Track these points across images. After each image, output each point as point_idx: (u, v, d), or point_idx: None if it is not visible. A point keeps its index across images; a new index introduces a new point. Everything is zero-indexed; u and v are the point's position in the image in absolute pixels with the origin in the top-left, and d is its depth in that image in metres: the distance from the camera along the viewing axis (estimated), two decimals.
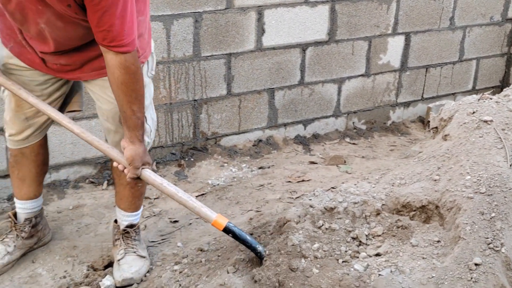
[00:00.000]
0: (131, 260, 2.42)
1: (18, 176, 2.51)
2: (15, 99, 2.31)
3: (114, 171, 2.46)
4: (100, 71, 2.17)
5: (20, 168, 2.48)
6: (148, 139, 2.34)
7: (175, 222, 2.90)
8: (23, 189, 2.53)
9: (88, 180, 3.26)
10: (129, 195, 2.47)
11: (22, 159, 2.47)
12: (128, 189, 2.45)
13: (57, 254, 2.61)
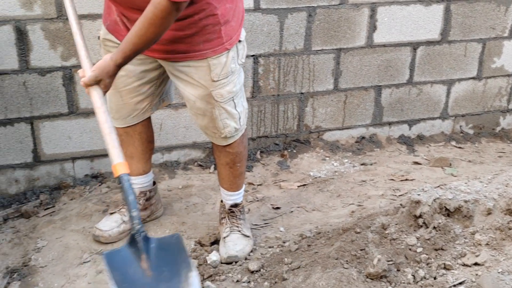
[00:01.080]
0: (236, 239, 2.53)
1: (126, 154, 2.65)
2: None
3: (214, 152, 2.59)
4: (187, 54, 2.26)
5: (126, 147, 2.63)
6: (236, 125, 2.43)
7: (277, 208, 2.98)
8: (132, 165, 2.67)
9: (197, 163, 3.42)
10: (228, 174, 2.59)
11: (127, 138, 2.65)
12: (227, 168, 2.57)
13: (167, 228, 2.77)
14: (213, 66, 2.27)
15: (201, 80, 2.30)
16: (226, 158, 2.54)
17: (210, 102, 2.34)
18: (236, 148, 2.52)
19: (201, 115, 2.41)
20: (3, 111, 2.96)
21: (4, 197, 3.07)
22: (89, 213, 2.87)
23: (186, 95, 2.39)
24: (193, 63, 2.28)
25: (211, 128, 2.43)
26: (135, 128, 2.62)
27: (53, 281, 2.40)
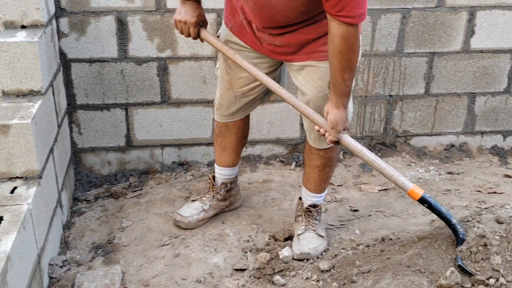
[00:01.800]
0: (310, 237, 2.55)
1: (220, 145, 2.78)
2: (229, 78, 2.55)
3: (305, 152, 2.60)
4: (310, 55, 2.30)
5: (223, 138, 2.75)
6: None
7: (355, 211, 2.96)
8: (223, 156, 2.80)
9: (279, 159, 3.47)
10: (316, 177, 2.59)
11: (225, 130, 2.73)
12: (316, 171, 2.57)
13: (244, 219, 2.84)
14: None
15: (319, 81, 2.33)
16: (318, 161, 2.54)
17: (323, 103, 2.32)
18: (330, 153, 2.53)
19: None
20: (101, 96, 3.15)
21: (96, 177, 3.27)
22: (172, 198, 3.00)
23: (303, 97, 2.40)
24: (315, 63, 2.32)
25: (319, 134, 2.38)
26: (235, 123, 2.71)
27: (133, 260, 2.54)
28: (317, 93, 2.35)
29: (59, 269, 2.47)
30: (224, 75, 2.57)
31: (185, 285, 2.37)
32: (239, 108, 2.65)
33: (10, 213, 2.10)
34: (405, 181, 2.23)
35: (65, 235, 2.73)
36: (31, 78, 2.49)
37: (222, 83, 2.61)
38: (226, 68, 2.54)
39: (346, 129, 2.27)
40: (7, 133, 2.29)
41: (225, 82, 2.58)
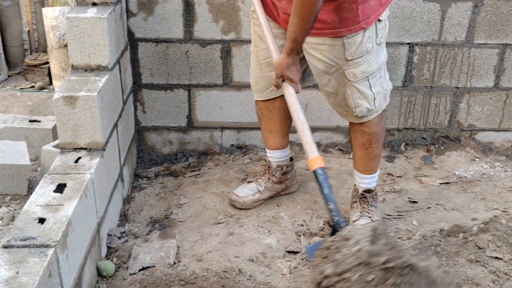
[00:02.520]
0: (365, 224, 2.51)
1: (265, 128, 2.79)
2: (256, 50, 2.60)
3: (350, 132, 2.58)
4: (322, 31, 2.27)
5: (266, 121, 2.77)
6: (369, 106, 2.40)
7: (413, 202, 2.89)
8: (270, 139, 2.80)
9: (338, 147, 3.43)
10: (363, 155, 2.56)
11: (266, 112, 2.75)
12: (363, 149, 2.55)
13: (299, 204, 2.83)
14: (347, 45, 2.27)
15: (335, 59, 2.31)
16: (362, 138, 2.52)
17: (343, 81, 2.34)
18: (373, 128, 2.49)
19: (333, 93, 2.43)
20: (165, 76, 3.22)
21: (158, 155, 3.35)
22: (229, 179, 3.03)
23: (321, 71, 2.39)
24: (328, 40, 2.30)
25: (343, 106, 2.44)
26: (274, 103, 2.70)
27: (188, 236, 2.58)
28: (334, 71, 2.34)
29: (117, 240, 2.55)
30: (253, 48, 2.64)
31: (237, 262, 2.39)
32: (267, 84, 2.63)
33: (73, 181, 2.19)
34: (311, 148, 2.16)
35: (125, 209, 2.81)
36: (99, 53, 2.57)
37: (251, 57, 2.67)
38: (254, 40, 2.60)
39: (289, 79, 2.28)
40: (74, 104, 2.37)
41: (253, 55, 2.64)
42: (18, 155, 2.93)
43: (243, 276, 2.29)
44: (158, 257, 2.38)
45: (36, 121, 3.42)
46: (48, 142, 3.25)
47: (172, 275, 2.29)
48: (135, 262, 2.37)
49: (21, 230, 1.89)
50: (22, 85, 4.33)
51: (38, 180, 3.05)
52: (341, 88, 2.36)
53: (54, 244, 1.82)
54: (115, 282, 2.30)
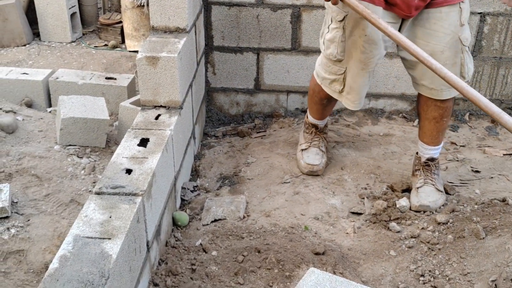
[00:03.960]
0: (429, 191, 2.58)
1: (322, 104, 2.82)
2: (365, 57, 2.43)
3: (421, 106, 2.60)
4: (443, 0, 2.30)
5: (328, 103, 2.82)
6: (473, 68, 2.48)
7: (476, 172, 2.93)
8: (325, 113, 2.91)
9: (401, 115, 3.48)
10: (433, 128, 2.60)
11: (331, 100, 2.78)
12: (433, 123, 2.58)
13: (362, 168, 2.92)
14: (464, 10, 2.34)
15: (451, 26, 2.34)
16: (435, 112, 2.56)
17: (458, 47, 2.36)
18: (448, 103, 2.54)
19: (451, 64, 2.37)
20: (236, 39, 3.33)
21: (225, 116, 3.49)
22: (294, 141, 3.14)
23: (432, 48, 2.35)
24: (445, 9, 2.33)
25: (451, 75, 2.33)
26: None
27: (256, 192, 2.73)
28: (449, 39, 2.35)
29: (190, 193, 2.72)
30: (359, 55, 2.42)
31: (303, 220, 2.52)
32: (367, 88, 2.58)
33: (155, 137, 2.35)
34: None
35: (196, 165, 2.98)
36: (178, 16, 2.70)
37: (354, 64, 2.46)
38: (361, 46, 2.39)
39: None
40: (156, 64, 2.52)
41: (359, 63, 2.44)
42: (98, 110, 3.13)
43: (309, 233, 2.42)
44: (229, 211, 2.54)
45: (112, 78, 3.62)
46: (123, 99, 3.44)
47: (242, 227, 2.44)
48: (208, 214, 2.54)
49: (110, 179, 2.07)
50: (96, 43, 4.54)
51: (114, 134, 3.25)
52: (458, 56, 2.37)
53: (142, 193, 1.99)
54: (189, 232, 2.47)
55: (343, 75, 2.52)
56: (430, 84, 2.47)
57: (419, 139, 2.72)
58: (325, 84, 2.63)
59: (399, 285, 2.10)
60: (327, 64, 2.57)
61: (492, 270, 2.01)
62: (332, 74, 2.57)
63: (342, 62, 2.50)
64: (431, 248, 2.24)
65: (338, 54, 2.47)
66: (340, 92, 2.58)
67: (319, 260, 2.17)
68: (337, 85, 2.57)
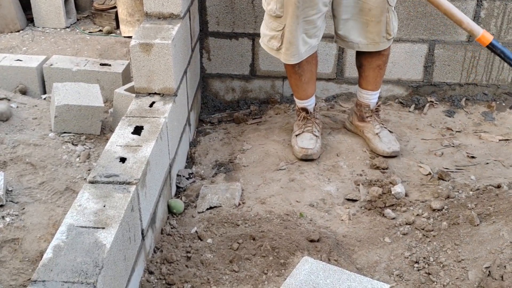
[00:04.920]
0: (389, 135, 2.92)
1: (304, 81, 2.91)
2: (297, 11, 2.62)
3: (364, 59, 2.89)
4: None
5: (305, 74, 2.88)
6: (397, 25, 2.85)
7: (472, 157, 2.93)
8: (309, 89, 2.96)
9: (398, 100, 3.47)
10: (376, 75, 2.92)
11: (306, 66, 2.85)
12: (377, 70, 2.90)
13: (358, 155, 2.91)
14: None
15: None
16: (379, 60, 2.87)
17: (384, 7, 2.65)
18: (388, 50, 2.87)
19: (376, 22, 2.68)
20: (231, 25, 3.30)
21: (221, 102, 3.48)
22: (290, 128, 3.13)
23: (361, 6, 2.65)
24: None
25: (382, 33, 2.73)
26: (313, 55, 2.82)
27: (251, 179, 2.73)
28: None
29: (185, 180, 2.72)
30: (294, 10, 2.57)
31: (298, 207, 2.52)
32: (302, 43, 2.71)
33: (149, 124, 2.34)
34: (474, 26, 2.29)
35: (191, 152, 2.97)
36: (172, 2, 2.67)
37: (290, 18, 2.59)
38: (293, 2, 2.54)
39: None
40: (149, 51, 2.50)
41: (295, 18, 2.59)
42: (92, 97, 3.11)
43: (304, 220, 2.42)
44: (224, 198, 2.54)
45: (106, 64, 3.59)
46: (118, 85, 3.42)
47: (238, 215, 2.44)
48: (203, 202, 2.54)
49: (104, 168, 2.06)
50: (90, 29, 4.49)
51: (109, 121, 3.24)
52: (383, 14, 2.67)
53: (136, 182, 1.99)
54: (184, 219, 2.47)
55: (282, 31, 2.66)
56: (356, 38, 2.76)
57: (362, 89, 2.98)
58: (264, 41, 2.79)
59: (394, 272, 2.11)
60: (269, 20, 2.71)
61: (486, 257, 2.02)
62: (272, 30, 2.70)
63: (281, 18, 2.63)
64: (425, 235, 2.25)
65: (278, 10, 2.62)
66: (277, 49, 2.73)
67: (314, 247, 2.17)
68: (275, 41, 2.71)
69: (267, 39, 2.76)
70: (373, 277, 2.10)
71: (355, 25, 2.74)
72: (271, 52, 2.79)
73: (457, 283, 1.99)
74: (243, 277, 2.07)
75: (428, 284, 2.03)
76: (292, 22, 2.61)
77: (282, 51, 2.72)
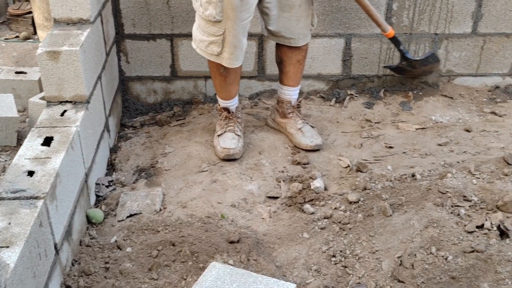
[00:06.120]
0: (311, 129, 2.98)
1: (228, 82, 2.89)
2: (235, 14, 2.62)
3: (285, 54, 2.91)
4: None
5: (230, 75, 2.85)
6: None
7: (390, 148, 3.01)
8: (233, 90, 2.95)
9: (319, 95, 3.52)
10: (297, 71, 2.96)
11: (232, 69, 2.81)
12: (297, 66, 2.93)
13: (280, 151, 2.94)
14: None
15: None
16: (299, 55, 2.91)
17: (310, 0, 2.73)
18: (307, 44, 2.93)
19: (304, 16, 2.77)
20: (147, 26, 3.25)
21: (143, 105, 3.43)
22: (213, 128, 3.12)
23: (292, 2, 2.69)
24: None
25: (308, 27, 2.83)
26: None
27: (173, 184, 2.70)
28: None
29: (105, 189, 2.66)
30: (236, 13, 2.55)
31: (220, 208, 2.52)
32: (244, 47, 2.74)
33: (59, 134, 2.27)
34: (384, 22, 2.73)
35: (112, 158, 2.91)
36: (80, 7, 2.60)
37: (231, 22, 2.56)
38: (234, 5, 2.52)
39: None
40: (58, 59, 2.43)
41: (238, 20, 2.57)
42: (5, 107, 3.00)
43: (225, 221, 2.42)
44: (144, 205, 2.51)
45: (22, 72, 3.47)
46: (35, 93, 3.31)
47: (158, 221, 2.42)
48: (123, 210, 2.50)
49: (11, 183, 1.99)
50: (6, 35, 4.33)
51: (27, 131, 3.13)
52: (310, 9, 2.76)
53: (43, 196, 1.93)
54: (104, 229, 2.42)
55: (222, 36, 2.61)
56: (288, 35, 2.79)
57: (283, 85, 3.02)
58: (201, 47, 2.73)
59: (312, 267, 2.14)
60: (206, 25, 2.65)
61: (398, 247, 2.08)
62: (211, 35, 2.64)
63: (220, 23, 2.59)
64: (342, 228, 2.29)
65: (217, 15, 2.57)
66: (218, 54, 2.68)
67: (233, 249, 2.17)
68: (214, 47, 2.67)
69: (205, 45, 2.69)
70: (292, 273, 2.13)
71: (287, 22, 2.77)
72: (211, 58, 2.72)
73: (372, 274, 2.04)
74: (162, 284, 2.05)
75: (345, 277, 2.07)
76: (236, 25, 2.58)
77: (225, 56, 2.67)
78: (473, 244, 1.97)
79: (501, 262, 1.87)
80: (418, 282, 1.91)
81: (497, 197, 2.19)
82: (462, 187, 2.28)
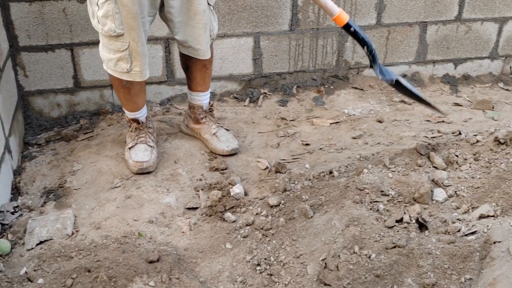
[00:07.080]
0: (226, 133, 2.93)
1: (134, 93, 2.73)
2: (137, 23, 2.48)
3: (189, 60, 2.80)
4: None
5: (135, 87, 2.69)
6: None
7: (306, 145, 3.00)
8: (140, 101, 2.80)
9: (232, 95, 3.45)
10: (203, 75, 2.86)
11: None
12: (203, 70, 2.84)
13: (197, 158, 2.85)
14: None
15: None
16: (204, 60, 2.79)
17: (209, 8, 2.63)
18: (211, 49, 2.79)
19: (210, 21, 2.66)
20: (44, 37, 3.05)
21: (47, 120, 3.22)
22: (123, 140, 2.98)
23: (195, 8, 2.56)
24: None
25: (208, 35, 2.68)
26: None
27: (85, 203, 2.54)
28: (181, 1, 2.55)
29: (10, 216, 2.46)
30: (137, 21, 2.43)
31: (136, 226, 2.39)
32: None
33: None
34: (333, 6, 2.39)
35: (16, 181, 2.71)
36: None
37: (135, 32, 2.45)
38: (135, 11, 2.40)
39: None
40: None
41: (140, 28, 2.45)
42: None
43: (143, 239, 2.30)
44: (55, 229, 2.34)
45: None
46: None
47: (71, 246, 2.26)
48: (31, 237, 2.32)
49: None
50: None
51: None
52: (209, 16, 2.64)
53: None
54: (12, 260, 2.24)
55: (128, 50, 2.48)
56: (196, 45, 2.67)
57: (192, 91, 2.92)
58: (111, 66, 2.58)
59: (237, 279, 2.08)
60: (109, 42, 2.50)
61: (322, 249, 2.05)
62: (117, 52, 2.50)
63: (123, 36, 2.45)
64: (265, 234, 2.24)
65: (117, 28, 2.43)
66: (128, 71, 2.54)
67: (153, 269, 2.06)
68: (123, 63, 2.53)
69: (113, 64, 2.54)
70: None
71: (192, 29, 2.63)
72: (122, 76, 2.57)
73: (298, 280, 2.00)
74: None
75: (271, 286, 2.02)
76: (141, 33, 2.46)
77: (136, 70, 2.54)
78: (394, 240, 1.98)
79: (422, 256, 1.89)
80: (344, 283, 1.90)
81: (413, 189, 2.22)
82: (379, 182, 2.29)
